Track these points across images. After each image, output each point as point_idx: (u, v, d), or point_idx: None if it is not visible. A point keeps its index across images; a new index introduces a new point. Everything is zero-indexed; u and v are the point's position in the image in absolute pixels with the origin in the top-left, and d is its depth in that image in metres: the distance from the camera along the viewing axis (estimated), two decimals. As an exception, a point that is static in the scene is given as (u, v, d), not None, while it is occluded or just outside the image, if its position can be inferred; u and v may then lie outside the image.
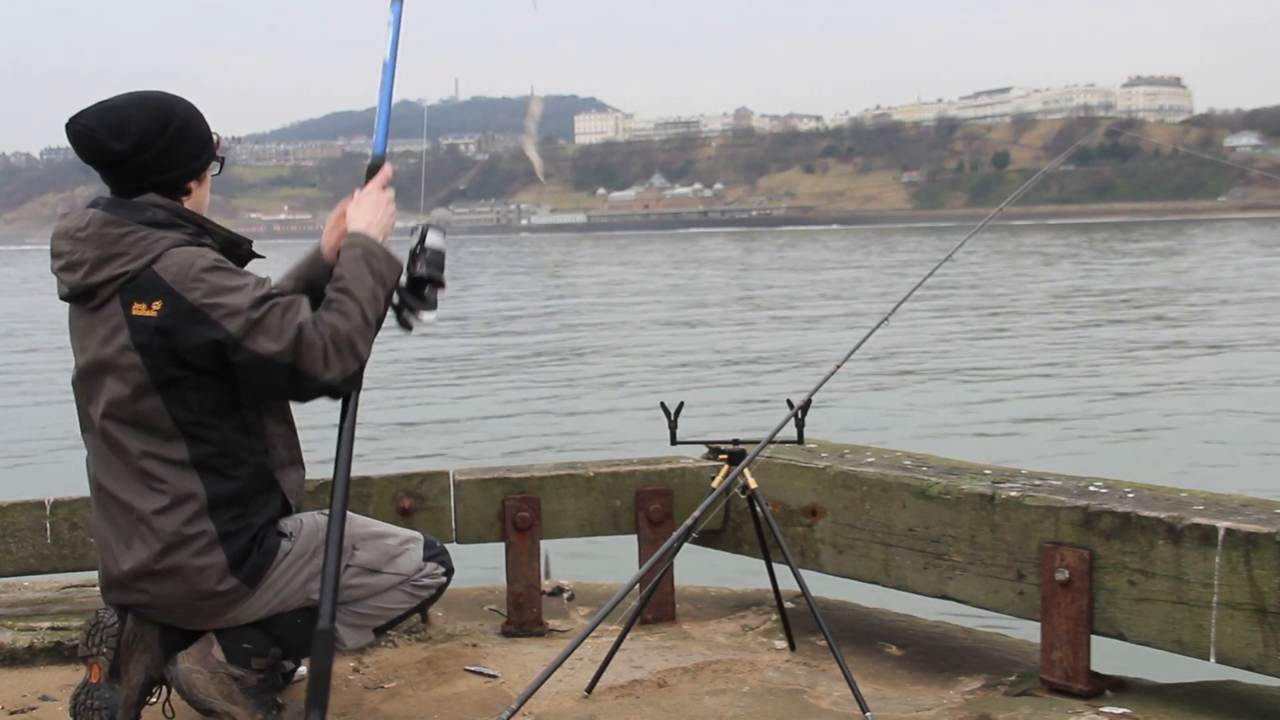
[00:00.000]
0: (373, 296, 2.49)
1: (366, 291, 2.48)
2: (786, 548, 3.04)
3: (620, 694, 3.06)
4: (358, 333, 2.44)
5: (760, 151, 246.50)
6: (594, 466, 3.72)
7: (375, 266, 2.53)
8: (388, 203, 2.67)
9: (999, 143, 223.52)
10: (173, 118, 2.46)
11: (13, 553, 3.39)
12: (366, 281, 2.49)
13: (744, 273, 48.31)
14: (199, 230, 2.47)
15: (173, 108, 2.48)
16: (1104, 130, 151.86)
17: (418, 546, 2.71)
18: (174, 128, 2.45)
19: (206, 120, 2.56)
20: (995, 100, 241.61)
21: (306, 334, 2.37)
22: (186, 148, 2.48)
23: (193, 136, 2.50)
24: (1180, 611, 2.70)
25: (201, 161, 2.53)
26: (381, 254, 2.56)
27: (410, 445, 12.35)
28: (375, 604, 2.64)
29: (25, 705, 2.95)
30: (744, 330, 24.00)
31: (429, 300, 2.66)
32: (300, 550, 2.54)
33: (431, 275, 2.65)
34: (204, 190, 2.57)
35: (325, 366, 2.38)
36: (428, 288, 2.66)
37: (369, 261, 2.52)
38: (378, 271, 2.52)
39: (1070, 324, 23.30)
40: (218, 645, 2.52)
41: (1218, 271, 38.78)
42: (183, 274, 2.35)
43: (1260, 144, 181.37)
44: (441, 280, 2.68)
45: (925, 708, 2.99)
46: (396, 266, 2.58)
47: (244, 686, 2.53)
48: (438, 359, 20.25)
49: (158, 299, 2.34)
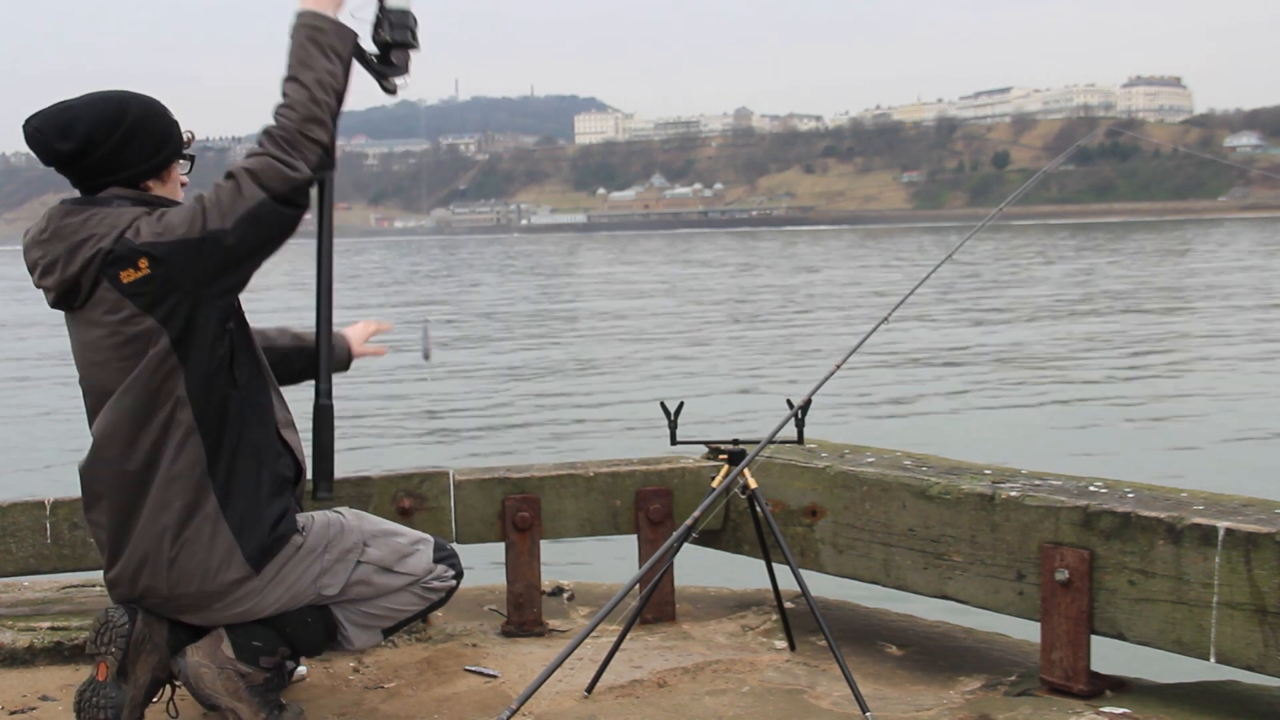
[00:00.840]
0: (325, 73, 2.44)
1: (314, 73, 2.42)
2: (786, 548, 3.04)
3: (620, 694, 3.06)
4: (310, 120, 2.40)
5: (760, 151, 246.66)
6: (594, 466, 3.72)
7: (323, 41, 2.46)
8: None
9: (999, 143, 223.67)
10: (124, 117, 2.44)
11: (13, 553, 3.39)
12: (315, 61, 2.43)
13: (743, 272, 48.31)
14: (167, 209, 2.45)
15: (126, 106, 2.45)
16: (1104, 130, 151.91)
17: (428, 548, 2.71)
18: (125, 127, 2.43)
19: (172, 119, 2.53)
20: (995, 100, 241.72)
21: (254, 166, 2.37)
22: (139, 147, 2.46)
23: (148, 135, 2.47)
24: (1180, 611, 2.70)
25: (158, 160, 2.50)
26: (330, 26, 2.48)
27: (410, 445, 12.35)
28: (385, 604, 2.64)
29: (25, 705, 2.95)
30: (744, 330, 24.00)
31: (398, 64, 2.63)
32: (311, 545, 2.54)
33: (396, 38, 2.61)
34: (171, 189, 2.54)
35: (291, 168, 2.38)
36: (394, 52, 2.62)
37: (315, 39, 2.45)
38: (327, 46, 2.46)
39: (1070, 324, 23.31)
40: (227, 641, 2.52)
41: (1220, 272, 38.78)
42: (151, 229, 2.35)
43: (1260, 144, 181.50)
44: (409, 41, 2.63)
45: (925, 708, 2.99)
46: (348, 34, 2.50)
47: (250, 684, 2.53)
48: (438, 359, 20.25)
49: (141, 257, 2.34)
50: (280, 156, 2.37)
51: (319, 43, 2.45)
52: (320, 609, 2.59)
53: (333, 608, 2.61)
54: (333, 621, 2.62)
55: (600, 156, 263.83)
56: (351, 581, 2.59)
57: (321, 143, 2.42)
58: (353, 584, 2.59)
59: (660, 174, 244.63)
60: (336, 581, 2.58)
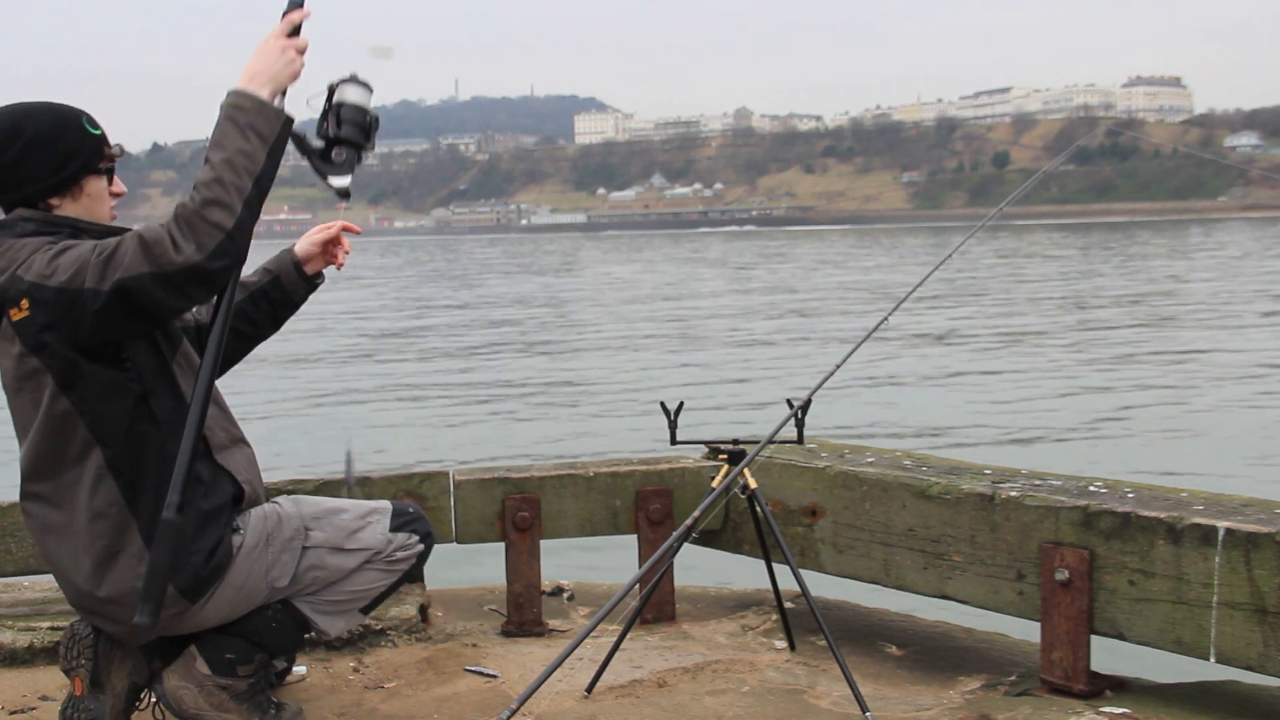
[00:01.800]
0: (238, 154, 2.21)
1: (225, 153, 2.21)
2: (786, 548, 3.04)
3: (620, 694, 3.06)
4: (212, 203, 2.18)
5: (760, 151, 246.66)
6: (594, 466, 3.72)
7: (241, 120, 2.23)
8: (283, 50, 2.31)
9: (999, 143, 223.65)
10: (20, 132, 2.33)
11: (13, 553, 3.39)
12: (230, 141, 2.21)
13: (743, 272, 48.30)
14: (74, 232, 2.34)
15: (21, 123, 2.34)
16: (1104, 130, 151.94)
17: (383, 518, 2.59)
18: (22, 142, 2.32)
19: (82, 133, 2.39)
20: (995, 100, 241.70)
21: (148, 235, 2.19)
22: (35, 163, 2.33)
23: (46, 151, 2.34)
24: (1180, 611, 2.70)
25: (62, 177, 2.36)
26: (251, 104, 2.25)
27: (410, 445, 12.34)
28: (348, 587, 2.54)
29: (25, 705, 2.95)
30: (744, 330, 23.99)
31: (337, 163, 2.38)
32: (252, 543, 2.44)
33: (343, 135, 2.37)
34: (87, 205, 2.40)
35: (176, 249, 2.16)
36: (335, 149, 2.38)
37: (234, 117, 2.23)
38: (245, 125, 2.23)
39: (1070, 323, 23.30)
40: (201, 659, 2.47)
41: (1222, 272, 38.77)
42: (40, 268, 2.23)
43: (1260, 144, 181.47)
44: (357, 141, 2.39)
45: (925, 708, 2.99)
46: (274, 114, 2.26)
47: (234, 694, 2.49)
48: (438, 358, 20.25)
49: (24, 297, 2.23)
50: (172, 233, 2.18)
51: (237, 121, 2.24)
52: (283, 606, 2.50)
53: (295, 602, 2.51)
54: (299, 616, 2.53)
55: (600, 156, 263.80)
56: (303, 569, 2.49)
57: (222, 227, 2.19)
58: (305, 571, 2.49)
59: (660, 174, 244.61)
60: (286, 573, 2.48)
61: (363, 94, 2.41)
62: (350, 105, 2.40)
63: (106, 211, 2.45)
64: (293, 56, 2.31)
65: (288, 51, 2.31)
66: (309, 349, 20.92)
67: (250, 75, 2.28)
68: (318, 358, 20.03)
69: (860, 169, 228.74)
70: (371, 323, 28.05)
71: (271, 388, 16.07)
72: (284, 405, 14.96)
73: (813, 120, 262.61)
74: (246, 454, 2.54)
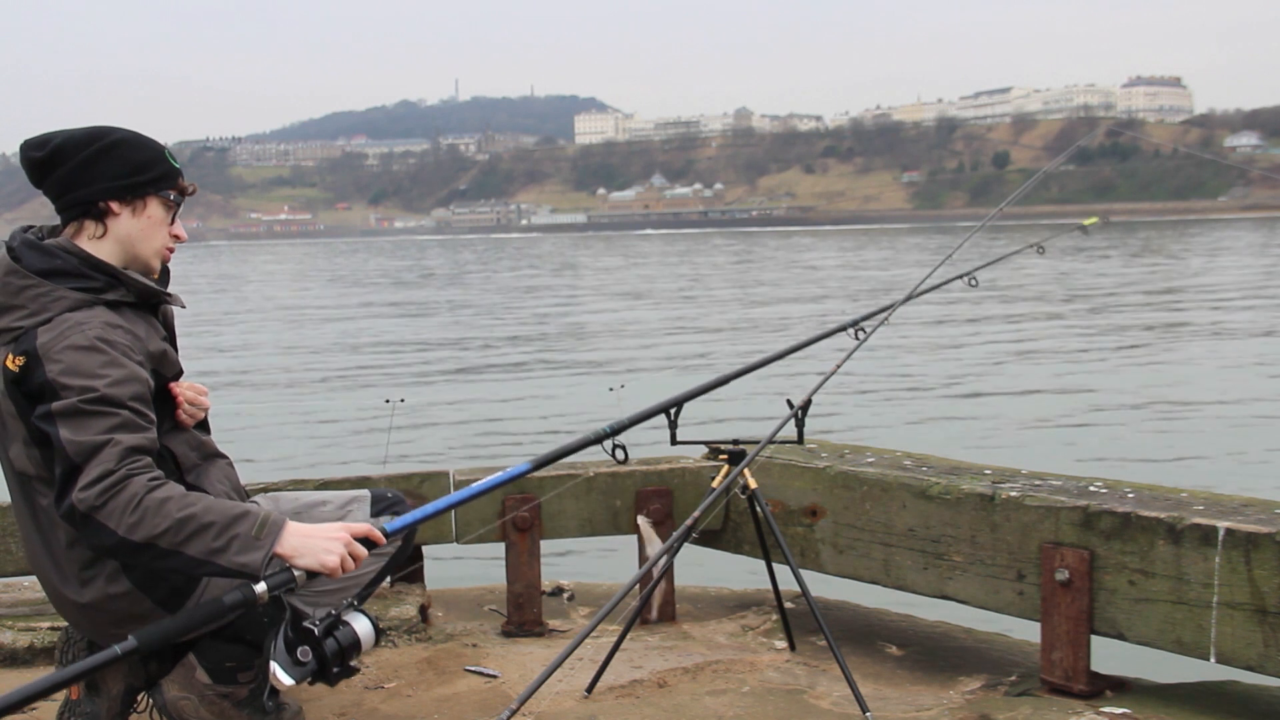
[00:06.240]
0: (178, 529, 2.08)
1: (201, 524, 2.09)
2: (786, 548, 3.04)
3: (620, 694, 3.06)
4: (138, 521, 2.07)
5: (760, 151, 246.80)
6: (594, 466, 3.72)
7: (242, 533, 2.12)
8: (341, 543, 2.19)
9: (999, 143, 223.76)
10: (104, 137, 2.36)
11: (13, 553, 3.39)
12: (215, 527, 2.11)
13: (743, 272, 48.30)
14: (110, 281, 2.32)
15: (109, 132, 2.38)
16: (1104, 130, 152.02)
17: (362, 505, 2.58)
18: (101, 145, 2.34)
19: (161, 156, 2.42)
20: (995, 100, 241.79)
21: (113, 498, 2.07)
22: (109, 165, 2.35)
23: (123, 158, 2.36)
24: (1180, 611, 2.70)
25: (129, 184, 2.36)
26: (261, 541, 2.13)
27: (410, 445, 12.34)
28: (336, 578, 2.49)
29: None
30: (743, 330, 23.99)
31: (299, 662, 2.13)
32: None
33: (324, 657, 2.13)
34: (143, 229, 2.39)
35: (116, 525, 2.07)
36: (301, 649, 2.13)
37: (239, 529, 2.12)
38: (232, 539, 2.11)
39: (1070, 323, 23.31)
40: (200, 669, 2.45)
41: (1222, 272, 38.78)
42: (54, 342, 2.19)
43: (1260, 144, 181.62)
44: (327, 676, 2.16)
45: (925, 708, 2.99)
46: (255, 566, 2.12)
47: (235, 700, 2.47)
48: (438, 358, 20.25)
49: (22, 356, 2.21)
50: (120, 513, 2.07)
51: (236, 531, 2.11)
52: (274, 600, 2.47)
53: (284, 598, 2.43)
54: (295, 612, 2.45)
55: (600, 156, 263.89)
56: None
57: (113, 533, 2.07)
58: None
59: (660, 174, 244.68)
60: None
61: (372, 632, 2.22)
62: (352, 639, 2.19)
63: (159, 245, 2.43)
64: (342, 554, 2.18)
65: (342, 546, 2.19)
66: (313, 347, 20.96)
67: (292, 530, 2.18)
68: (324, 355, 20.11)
69: (860, 169, 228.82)
70: (372, 323, 28.07)
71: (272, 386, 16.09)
72: (284, 405, 15.00)
73: (813, 120, 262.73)
74: (221, 466, 2.52)
